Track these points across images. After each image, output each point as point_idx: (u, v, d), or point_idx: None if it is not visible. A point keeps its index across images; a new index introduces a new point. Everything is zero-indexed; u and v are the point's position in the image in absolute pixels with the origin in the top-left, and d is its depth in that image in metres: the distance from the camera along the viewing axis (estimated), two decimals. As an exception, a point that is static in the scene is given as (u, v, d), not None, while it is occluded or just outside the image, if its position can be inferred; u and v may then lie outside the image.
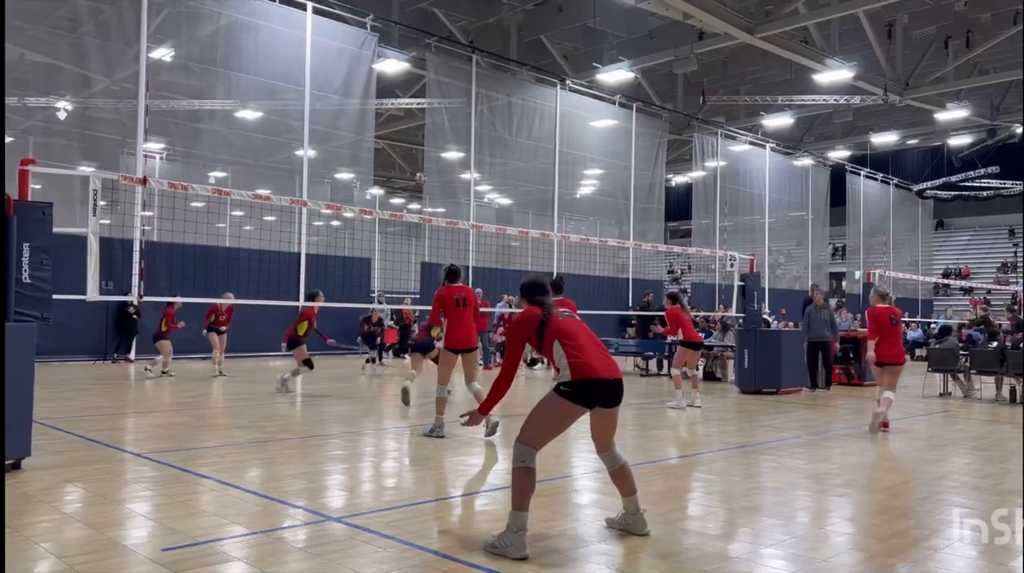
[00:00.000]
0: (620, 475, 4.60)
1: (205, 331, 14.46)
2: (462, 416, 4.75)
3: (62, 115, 18.14)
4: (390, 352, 20.89)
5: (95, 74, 17.74)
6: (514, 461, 4.35)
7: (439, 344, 8.77)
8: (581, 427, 8.60)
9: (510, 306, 18.44)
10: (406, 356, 21.15)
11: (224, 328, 14.49)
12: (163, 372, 13.95)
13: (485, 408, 4.62)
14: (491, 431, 7.73)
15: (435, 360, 11.81)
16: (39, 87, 17.93)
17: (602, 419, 4.47)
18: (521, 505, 4.22)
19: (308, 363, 12.01)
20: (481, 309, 17.38)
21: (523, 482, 4.27)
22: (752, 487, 6.04)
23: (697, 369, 16.29)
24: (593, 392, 4.26)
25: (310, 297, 12.72)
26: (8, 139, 18.29)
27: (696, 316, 18.24)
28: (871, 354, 9.14)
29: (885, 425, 8.91)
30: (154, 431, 8.44)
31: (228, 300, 13.72)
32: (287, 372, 11.97)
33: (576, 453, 7.46)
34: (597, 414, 4.42)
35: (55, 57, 17.67)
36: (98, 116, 18.58)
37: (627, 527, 4.57)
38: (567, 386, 4.27)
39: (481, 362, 18.27)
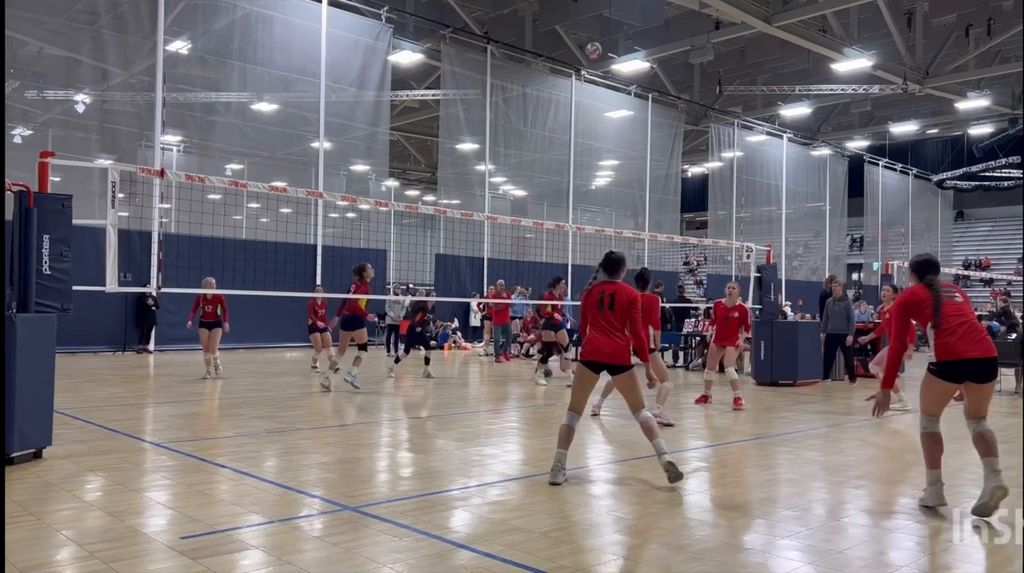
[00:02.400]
0: (979, 440, 4.97)
1: (190, 324, 12.71)
2: (869, 398, 5.15)
3: (81, 108, 18.32)
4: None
5: (113, 67, 17.89)
6: (920, 428, 5.07)
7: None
8: (584, 420, 8.57)
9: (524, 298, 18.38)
10: (420, 347, 21.25)
11: (212, 320, 12.32)
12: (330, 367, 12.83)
13: (887, 381, 5.12)
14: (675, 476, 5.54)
15: (362, 347, 11.14)
16: (58, 80, 18.12)
17: (973, 392, 4.90)
18: (932, 464, 4.98)
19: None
20: (498, 300, 17.36)
21: (929, 445, 5.01)
22: (768, 478, 6.02)
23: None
24: (958, 371, 4.83)
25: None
26: (28, 132, 18.51)
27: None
28: None
29: None
30: (172, 421, 8.53)
31: (210, 289, 11.96)
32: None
33: (590, 445, 7.47)
34: (968, 387, 4.90)
35: (74, 50, 17.83)
36: (116, 109, 18.75)
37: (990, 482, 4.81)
38: (934, 365, 4.91)
39: (491, 353, 18.30)
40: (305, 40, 19.18)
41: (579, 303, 6.24)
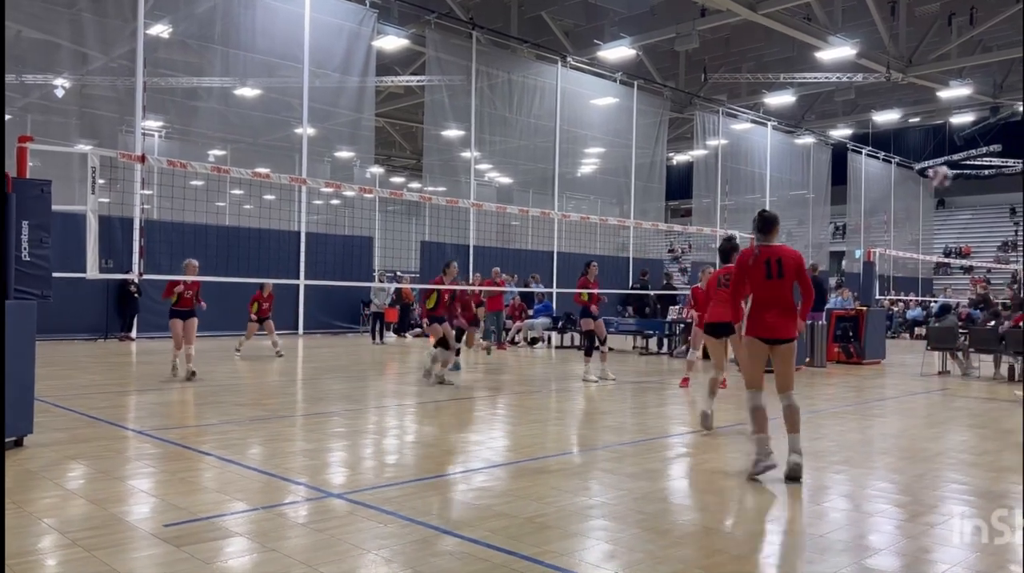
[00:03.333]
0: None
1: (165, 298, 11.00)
2: None
3: (60, 92, 18.05)
4: (391, 329, 20.95)
5: (92, 51, 17.63)
6: None
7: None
8: (567, 404, 8.61)
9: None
10: (407, 334, 21.25)
11: (188, 308, 10.68)
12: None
13: None
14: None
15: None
16: (36, 64, 17.82)
17: None
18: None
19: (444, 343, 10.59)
20: (492, 287, 17.29)
21: None
22: (750, 464, 6.06)
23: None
24: None
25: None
26: (6, 117, 18.19)
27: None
28: None
29: None
30: (155, 408, 8.48)
31: (192, 273, 10.67)
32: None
33: (573, 433, 7.51)
34: None
35: (52, 34, 17.54)
36: (96, 93, 18.48)
37: None
38: None
39: (483, 340, 18.31)
40: (288, 25, 18.99)
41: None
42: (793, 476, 5.27)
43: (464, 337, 12.57)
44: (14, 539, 3.88)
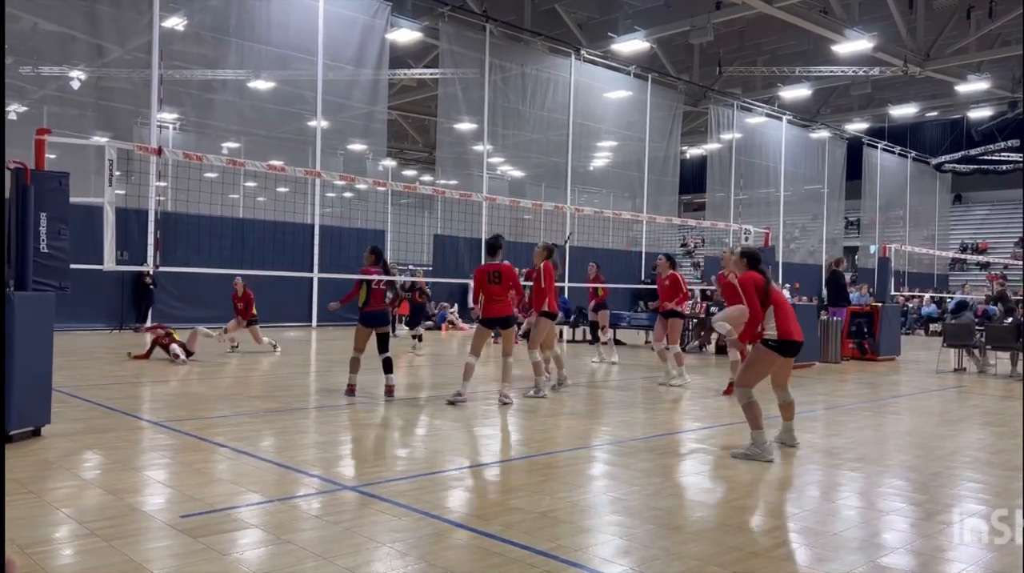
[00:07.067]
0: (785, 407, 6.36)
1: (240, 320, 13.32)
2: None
3: (76, 84, 18.15)
4: (403, 323, 20.97)
5: (108, 43, 17.72)
6: (739, 400, 6.02)
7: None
8: (580, 400, 8.60)
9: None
10: (419, 328, 21.24)
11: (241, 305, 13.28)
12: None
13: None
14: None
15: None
16: (53, 56, 17.93)
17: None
18: (756, 426, 5.87)
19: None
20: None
21: (751, 413, 5.90)
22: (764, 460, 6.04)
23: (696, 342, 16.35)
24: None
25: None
26: (23, 108, 18.35)
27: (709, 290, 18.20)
28: None
29: None
30: (170, 400, 8.54)
31: (240, 289, 13.27)
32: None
33: (585, 428, 7.51)
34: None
35: (68, 26, 17.64)
36: (112, 86, 18.59)
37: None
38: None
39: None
40: (302, 17, 19.01)
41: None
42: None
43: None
44: (31, 528, 3.92)
